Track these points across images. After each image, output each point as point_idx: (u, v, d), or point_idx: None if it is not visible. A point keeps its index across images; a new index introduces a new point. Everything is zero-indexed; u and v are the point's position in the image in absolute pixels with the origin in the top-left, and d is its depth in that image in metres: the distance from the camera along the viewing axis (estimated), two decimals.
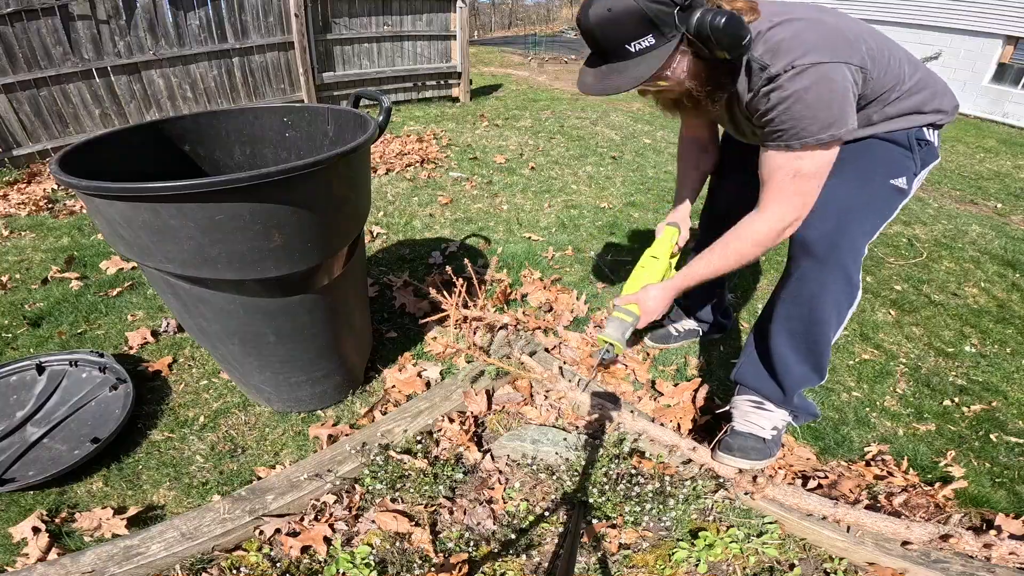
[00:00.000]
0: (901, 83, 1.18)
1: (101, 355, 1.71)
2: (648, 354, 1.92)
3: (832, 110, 1.06)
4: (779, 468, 1.50)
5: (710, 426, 1.63)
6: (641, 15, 1.00)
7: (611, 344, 1.39)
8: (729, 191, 1.64)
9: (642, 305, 1.39)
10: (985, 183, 4.53)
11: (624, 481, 1.37)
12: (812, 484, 1.45)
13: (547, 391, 1.68)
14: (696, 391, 1.75)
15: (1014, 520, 1.35)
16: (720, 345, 2.04)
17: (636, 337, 2.01)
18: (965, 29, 8.43)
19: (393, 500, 1.36)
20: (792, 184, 1.15)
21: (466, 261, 1.94)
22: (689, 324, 2.01)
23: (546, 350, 1.83)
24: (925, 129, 1.25)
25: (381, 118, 1.36)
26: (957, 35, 8.56)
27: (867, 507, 1.33)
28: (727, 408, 1.52)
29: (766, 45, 1.07)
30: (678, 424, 1.64)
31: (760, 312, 1.43)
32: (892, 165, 1.23)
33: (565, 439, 1.51)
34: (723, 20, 0.98)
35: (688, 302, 1.98)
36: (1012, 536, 1.27)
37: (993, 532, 1.28)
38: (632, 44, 1.04)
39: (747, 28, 1.02)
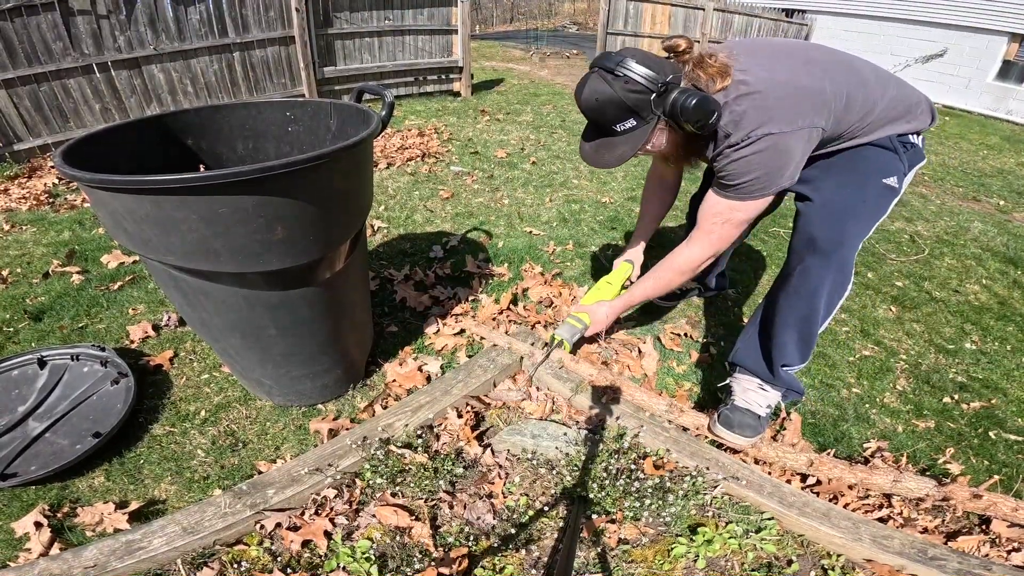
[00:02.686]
0: (871, 112, 1.28)
1: (102, 349, 1.71)
2: (640, 351, 1.91)
3: (776, 173, 1.23)
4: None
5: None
6: (621, 103, 1.20)
7: (561, 341, 1.67)
8: None
9: (592, 316, 1.69)
10: (988, 180, 4.52)
11: (624, 476, 1.38)
12: (811, 480, 1.46)
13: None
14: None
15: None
16: (718, 358, 2.04)
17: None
18: (970, 26, 8.40)
19: (393, 494, 1.36)
20: (721, 228, 1.37)
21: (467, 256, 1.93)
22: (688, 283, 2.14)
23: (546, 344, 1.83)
24: (909, 135, 1.35)
25: (384, 113, 1.36)
26: (962, 32, 8.53)
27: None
28: (726, 382, 1.62)
29: (731, 116, 1.21)
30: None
31: (762, 303, 1.54)
32: (884, 166, 1.33)
33: (565, 434, 1.51)
34: (692, 102, 1.15)
35: None
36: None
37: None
38: (617, 126, 1.26)
39: (715, 105, 1.18)
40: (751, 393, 1.52)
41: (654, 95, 1.19)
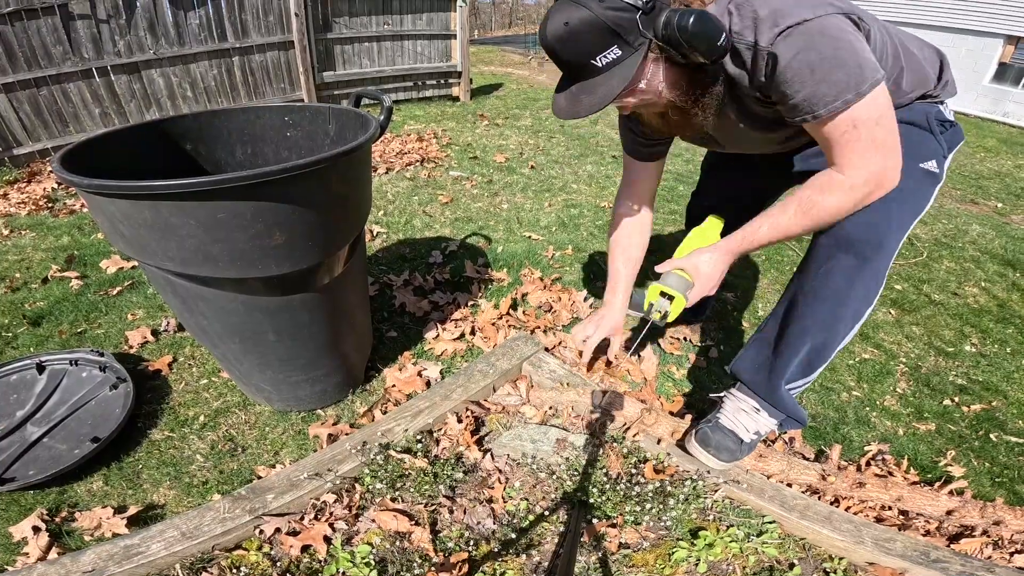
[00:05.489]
0: (901, 58, 1.12)
1: (101, 354, 1.71)
2: (640, 356, 1.91)
3: (847, 62, 0.92)
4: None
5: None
6: (601, 25, 0.93)
7: (670, 296, 1.18)
8: (719, 186, 1.66)
9: (695, 271, 1.19)
10: (985, 182, 4.53)
11: (624, 480, 1.37)
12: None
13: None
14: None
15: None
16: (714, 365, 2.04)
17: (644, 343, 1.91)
18: (966, 29, 8.43)
19: (393, 499, 1.36)
20: (858, 134, 0.97)
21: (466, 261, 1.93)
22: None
23: (546, 349, 1.83)
24: (942, 108, 1.20)
25: (382, 117, 1.36)
26: (958, 35, 8.55)
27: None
28: (720, 395, 1.48)
29: (741, 22, 0.97)
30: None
31: (776, 309, 1.32)
32: (919, 148, 1.13)
33: (565, 438, 1.51)
34: (691, 19, 0.90)
35: None
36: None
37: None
38: (597, 58, 0.97)
39: (720, 25, 0.93)
40: (742, 414, 1.36)
41: (640, 13, 0.93)
